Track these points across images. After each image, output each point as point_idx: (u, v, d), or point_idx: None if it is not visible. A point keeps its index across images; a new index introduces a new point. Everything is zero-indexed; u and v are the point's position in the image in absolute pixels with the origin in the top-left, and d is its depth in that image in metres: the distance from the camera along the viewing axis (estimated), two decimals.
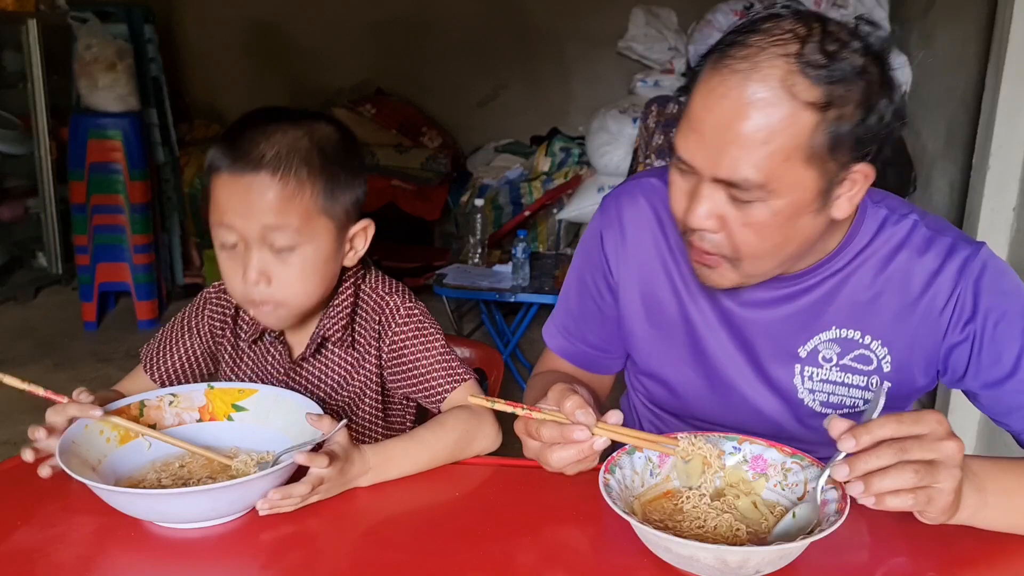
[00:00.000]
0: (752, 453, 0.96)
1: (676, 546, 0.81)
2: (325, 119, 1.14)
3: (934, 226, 1.06)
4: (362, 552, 0.91)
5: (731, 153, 0.89)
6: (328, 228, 1.11)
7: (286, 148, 1.07)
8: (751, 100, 0.87)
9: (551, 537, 0.93)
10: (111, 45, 3.97)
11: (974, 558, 0.90)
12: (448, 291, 3.40)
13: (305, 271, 1.10)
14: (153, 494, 0.92)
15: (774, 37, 0.88)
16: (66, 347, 3.87)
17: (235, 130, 1.10)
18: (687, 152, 0.94)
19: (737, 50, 0.89)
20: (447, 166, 5.00)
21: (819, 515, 0.86)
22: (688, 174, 0.96)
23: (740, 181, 0.90)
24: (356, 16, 5.26)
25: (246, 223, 1.06)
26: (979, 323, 1.02)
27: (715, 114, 0.90)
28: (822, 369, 1.09)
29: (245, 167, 1.05)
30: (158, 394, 1.09)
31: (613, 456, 0.93)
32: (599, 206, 1.22)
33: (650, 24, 4.55)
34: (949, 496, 0.81)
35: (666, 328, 1.15)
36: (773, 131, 0.88)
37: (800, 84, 0.87)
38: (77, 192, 4.04)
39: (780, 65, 0.87)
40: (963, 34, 2.78)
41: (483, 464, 1.10)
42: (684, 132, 0.94)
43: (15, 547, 0.90)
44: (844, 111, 0.88)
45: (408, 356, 1.19)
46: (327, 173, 1.09)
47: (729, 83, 0.89)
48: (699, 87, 0.93)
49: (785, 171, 0.89)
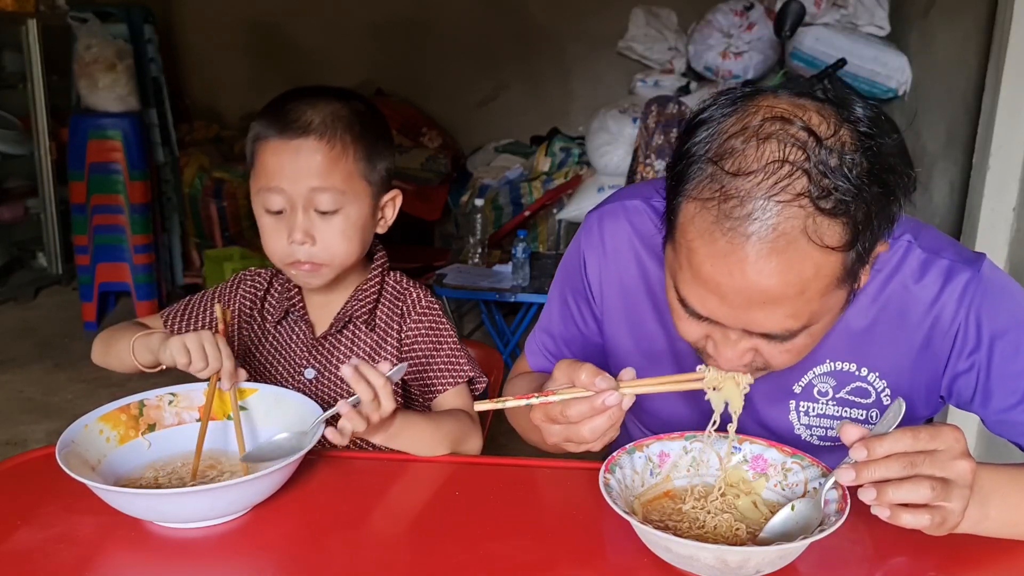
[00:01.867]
0: (752, 453, 0.96)
1: (676, 546, 0.81)
2: (358, 97, 1.23)
3: (929, 246, 0.99)
4: (362, 552, 0.91)
5: (763, 312, 0.81)
6: (367, 192, 1.19)
7: (331, 116, 1.15)
8: (777, 261, 0.77)
9: (551, 537, 0.93)
10: (111, 45, 3.97)
11: (974, 558, 0.90)
12: (448, 291, 3.40)
13: (346, 232, 1.17)
14: (153, 494, 0.92)
15: (772, 179, 0.76)
16: (66, 347, 3.87)
17: (278, 103, 1.17)
18: (707, 311, 0.84)
19: (735, 205, 0.77)
20: (447, 166, 5.00)
21: (819, 516, 0.86)
22: (704, 320, 0.87)
23: (780, 333, 0.83)
24: (356, 16, 5.26)
25: (294, 186, 1.14)
26: (984, 352, 0.97)
27: (736, 280, 0.79)
28: (818, 404, 1.05)
29: (295, 133, 1.13)
30: (157, 393, 1.09)
31: (613, 456, 0.93)
32: (583, 224, 1.16)
33: (650, 24, 4.55)
34: (959, 517, 0.80)
35: (654, 361, 1.11)
36: (806, 280, 0.79)
37: (823, 227, 0.77)
38: (77, 192, 4.04)
39: (795, 213, 0.76)
40: (963, 34, 2.78)
41: (483, 464, 1.10)
42: (698, 292, 0.84)
43: (15, 547, 0.90)
44: (868, 228, 0.80)
45: (419, 348, 1.25)
46: (366, 140, 1.18)
47: (745, 250, 0.77)
48: (698, 243, 0.81)
49: (823, 303, 0.82)
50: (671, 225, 0.86)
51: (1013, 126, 2.30)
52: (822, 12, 3.62)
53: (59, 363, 3.63)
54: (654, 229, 1.07)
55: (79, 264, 4.14)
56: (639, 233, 1.10)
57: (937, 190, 2.91)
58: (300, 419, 1.04)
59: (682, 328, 0.91)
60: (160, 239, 4.32)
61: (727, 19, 4.17)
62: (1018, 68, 2.27)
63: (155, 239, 4.19)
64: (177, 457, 1.05)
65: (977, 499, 0.84)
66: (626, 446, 0.95)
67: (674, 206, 0.85)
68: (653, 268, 1.09)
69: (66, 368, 3.57)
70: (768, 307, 0.80)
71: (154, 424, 1.07)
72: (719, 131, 0.81)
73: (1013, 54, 2.27)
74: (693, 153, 0.82)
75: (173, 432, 1.08)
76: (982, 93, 2.42)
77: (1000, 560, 0.90)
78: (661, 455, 0.96)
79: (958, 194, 2.69)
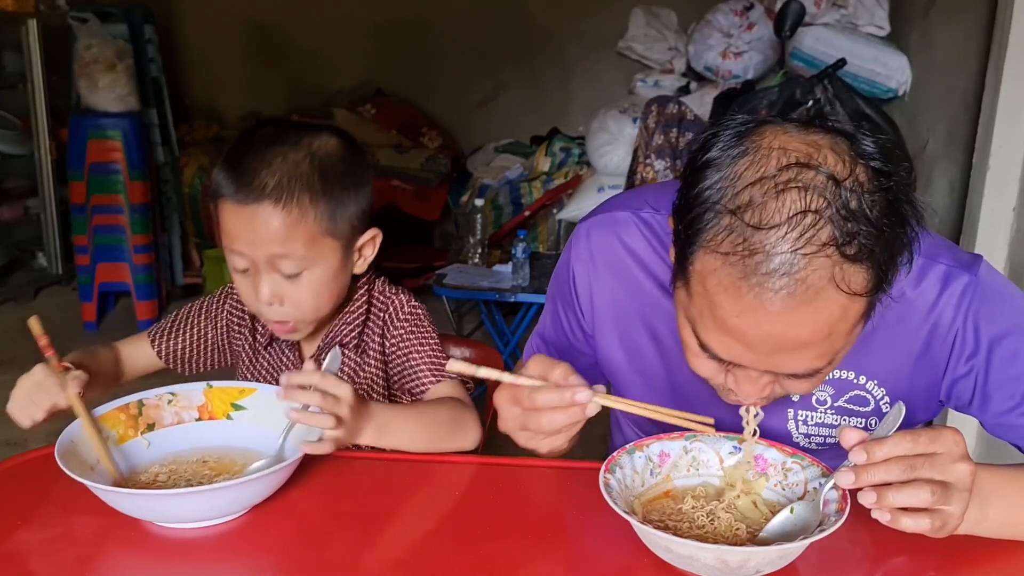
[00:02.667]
0: (752, 453, 0.96)
1: (676, 546, 0.81)
2: (327, 130, 1.15)
3: (926, 251, 0.96)
4: (362, 552, 0.91)
5: (790, 356, 0.81)
6: (334, 247, 1.13)
7: (287, 175, 1.08)
8: (805, 311, 0.76)
9: (551, 537, 0.93)
10: (111, 45, 3.97)
11: (974, 558, 0.90)
12: (448, 291, 3.40)
13: (315, 290, 1.13)
14: (152, 494, 0.92)
15: (796, 232, 0.74)
16: (66, 347, 3.83)
17: (236, 154, 1.11)
18: (730, 356, 0.83)
19: (761, 260, 0.75)
20: (447, 166, 5.00)
21: (819, 516, 0.86)
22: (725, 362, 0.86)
23: (806, 372, 0.83)
24: (356, 17, 5.26)
25: (254, 250, 1.09)
26: (982, 357, 0.97)
27: (764, 330, 0.78)
28: (816, 412, 1.04)
29: (248, 197, 1.07)
30: (156, 393, 1.09)
31: (613, 456, 0.92)
32: (572, 237, 1.14)
33: (650, 24, 4.56)
34: (959, 520, 0.80)
35: (647, 375, 1.10)
36: (833, 324, 0.78)
37: (849, 274, 0.76)
38: (77, 192, 4.04)
39: (822, 264, 0.75)
40: (963, 34, 2.78)
41: (483, 464, 1.10)
42: (720, 339, 0.82)
43: (15, 547, 0.90)
44: (892, 265, 0.80)
45: (403, 350, 1.23)
46: (330, 195, 1.10)
47: (774, 303, 0.76)
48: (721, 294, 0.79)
49: (848, 340, 0.82)
50: (684, 271, 0.84)
51: (1013, 126, 2.30)
52: (822, 12, 3.62)
53: None
54: (644, 244, 1.07)
55: (79, 264, 4.14)
56: (628, 249, 1.08)
57: (937, 190, 2.91)
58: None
59: (698, 366, 0.90)
60: (160, 239, 4.32)
61: (727, 19, 4.17)
62: (1018, 68, 2.27)
63: (155, 239, 4.19)
64: (176, 456, 1.05)
65: (976, 500, 0.84)
66: (626, 446, 0.95)
67: (688, 254, 0.82)
68: (646, 284, 1.07)
69: None
70: (796, 352, 0.80)
71: (153, 423, 1.07)
72: (732, 175, 0.78)
73: (1013, 54, 2.27)
74: (706, 199, 0.79)
75: (172, 431, 1.08)
76: (982, 93, 2.42)
77: (1000, 560, 0.90)
78: (661, 455, 0.96)
79: (958, 194, 2.68)
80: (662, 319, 1.06)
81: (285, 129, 1.13)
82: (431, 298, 4.05)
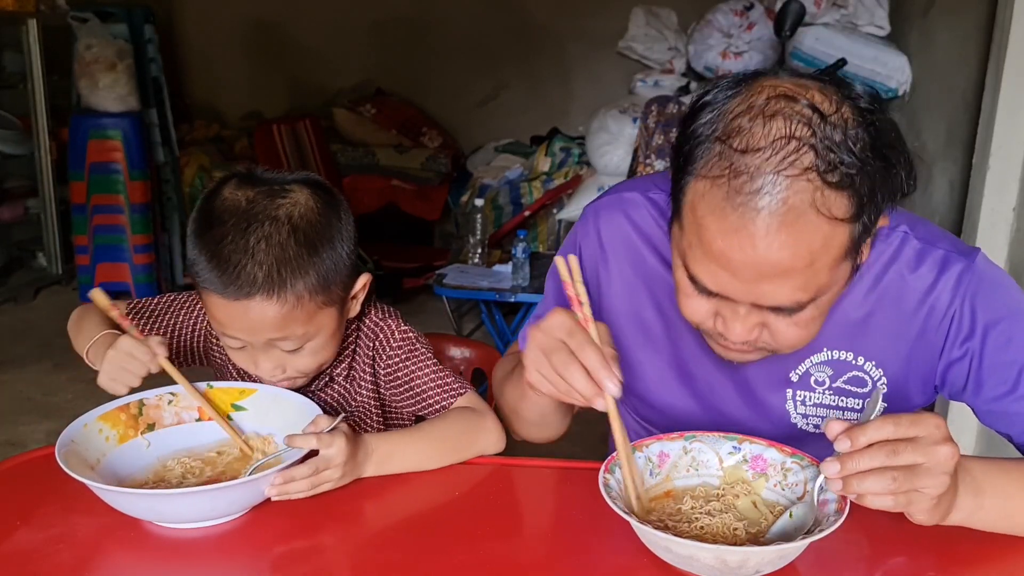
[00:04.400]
0: (752, 453, 0.96)
1: (676, 546, 0.81)
2: (298, 185, 1.07)
3: (924, 237, 1.00)
4: (362, 552, 0.91)
5: (773, 285, 0.83)
6: (330, 314, 1.09)
7: (275, 263, 1.01)
8: (787, 234, 0.79)
9: (551, 537, 0.93)
10: (111, 45, 3.97)
11: (974, 558, 0.90)
12: (448, 291, 3.40)
13: (316, 354, 1.10)
14: (154, 494, 0.92)
15: (780, 155, 0.78)
16: (66, 347, 3.83)
17: (211, 239, 1.02)
18: (717, 287, 0.86)
19: (745, 181, 0.79)
20: (447, 166, 5.00)
21: (817, 515, 0.86)
22: (713, 296, 0.89)
23: (789, 305, 0.85)
24: (356, 16, 5.26)
25: (250, 337, 1.05)
26: (977, 340, 0.98)
27: (747, 254, 0.81)
28: (815, 393, 1.05)
29: (239, 292, 1.00)
30: (157, 393, 1.09)
31: (613, 456, 0.92)
32: (580, 216, 1.15)
33: (650, 24, 4.55)
34: (932, 501, 0.81)
35: (653, 352, 1.11)
36: (815, 253, 0.81)
37: (830, 199, 0.79)
38: (77, 192, 4.04)
39: (804, 187, 0.78)
40: (963, 34, 2.78)
41: (483, 464, 1.10)
42: (707, 267, 0.85)
43: (15, 547, 0.90)
44: (873, 200, 0.82)
45: (403, 376, 1.19)
46: (319, 269, 1.04)
47: (756, 223, 0.79)
48: (709, 219, 0.82)
49: (831, 276, 0.85)
50: (677, 205, 0.88)
51: (1013, 126, 2.30)
52: (822, 12, 3.62)
53: (59, 363, 3.63)
54: (652, 222, 1.09)
55: (79, 264, 4.14)
56: (636, 226, 1.10)
57: (937, 189, 2.91)
58: (299, 419, 1.04)
59: (689, 307, 0.92)
60: (160, 239, 4.32)
61: (727, 19, 4.17)
62: (1018, 68, 2.27)
63: (155, 239, 4.19)
64: (177, 456, 1.05)
65: (970, 489, 0.86)
66: None
67: (681, 186, 0.86)
68: (652, 260, 1.09)
69: (66, 368, 3.57)
70: (778, 280, 0.82)
71: (153, 423, 1.07)
72: (724, 111, 0.83)
73: (1013, 54, 2.27)
74: (699, 134, 0.84)
75: (172, 431, 1.08)
76: (982, 93, 2.42)
77: (999, 560, 0.90)
78: (661, 455, 0.96)
79: (958, 193, 2.69)
80: (668, 294, 1.06)
81: (256, 198, 1.04)
82: (431, 298, 4.06)
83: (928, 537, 0.89)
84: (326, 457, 0.96)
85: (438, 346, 1.57)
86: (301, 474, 0.94)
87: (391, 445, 1.05)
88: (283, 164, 4.76)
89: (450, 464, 1.08)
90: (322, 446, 0.95)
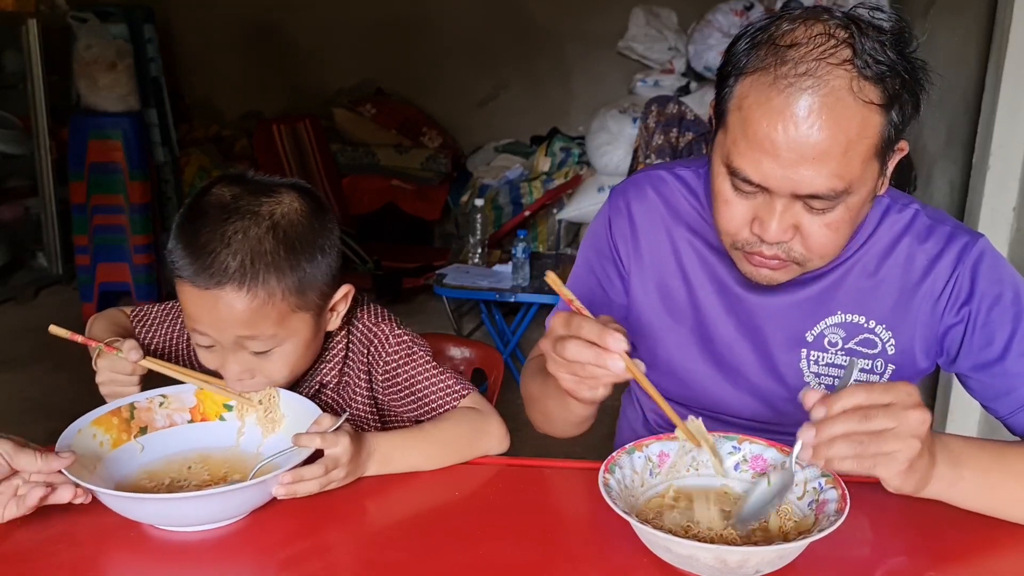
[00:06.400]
0: (752, 453, 0.96)
1: (676, 546, 0.81)
2: (288, 190, 1.07)
3: (934, 216, 1.10)
4: (362, 552, 0.91)
5: (813, 169, 0.90)
6: (305, 319, 1.06)
7: (250, 255, 0.99)
8: (827, 115, 0.88)
9: (551, 537, 0.93)
10: (111, 45, 3.97)
11: (973, 558, 0.90)
12: (448, 291, 3.40)
13: (287, 362, 1.07)
14: (162, 499, 0.91)
15: (822, 47, 0.89)
16: (66, 347, 3.85)
17: (191, 227, 1.02)
18: (760, 175, 0.93)
19: (790, 68, 0.89)
20: (447, 166, 5.00)
21: (793, 481, 0.88)
22: (752, 194, 0.96)
23: (825, 192, 0.91)
24: (356, 16, 5.26)
25: (219, 333, 1.03)
26: (974, 305, 1.06)
27: (790, 134, 0.89)
28: (827, 353, 1.11)
29: (209, 281, 0.99)
30: (148, 395, 1.08)
31: (613, 456, 0.93)
32: (608, 198, 1.22)
33: (650, 24, 4.55)
34: (902, 464, 0.82)
35: (676, 316, 1.16)
36: (851, 139, 0.89)
37: (865, 88, 0.89)
38: (77, 192, 4.04)
39: (842, 75, 0.88)
40: (963, 33, 2.78)
41: (483, 464, 1.10)
42: (752, 155, 0.92)
43: (15, 547, 0.90)
44: (900, 101, 0.92)
45: (402, 380, 1.17)
46: (297, 269, 1.03)
47: (799, 102, 0.88)
48: (755, 107, 0.91)
49: (862, 170, 0.92)
50: (722, 111, 0.97)
51: (1013, 125, 2.30)
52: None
53: (59, 363, 3.63)
54: (679, 196, 1.17)
55: (79, 264, 4.14)
56: (664, 199, 1.17)
57: (937, 189, 2.92)
58: (299, 419, 1.04)
59: (727, 214, 0.99)
60: (160, 239, 4.32)
61: (727, 19, 4.17)
62: (1018, 68, 2.28)
63: (155, 239, 4.19)
64: (170, 459, 1.05)
65: (948, 460, 0.89)
66: (626, 446, 0.95)
67: (726, 94, 0.95)
68: (678, 231, 1.16)
69: (66, 368, 3.57)
70: (817, 163, 0.89)
71: (146, 427, 1.06)
72: (768, 24, 0.94)
73: (1013, 54, 2.27)
74: (742, 51, 0.94)
75: (165, 434, 1.07)
76: (982, 92, 2.42)
77: (999, 559, 0.91)
78: (660, 455, 0.96)
79: (958, 193, 2.69)
80: (693, 262, 1.15)
81: (241, 195, 1.03)
82: (431, 298, 4.06)
83: (929, 536, 0.90)
84: (333, 456, 0.96)
85: (438, 346, 1.57)
86: (311, 474, 0.94)
87: (392, 445, 1.05)
88: (283, 164, 4.76)
89: (452, 464, 1.08)
90: (327, 446, 0.96)
